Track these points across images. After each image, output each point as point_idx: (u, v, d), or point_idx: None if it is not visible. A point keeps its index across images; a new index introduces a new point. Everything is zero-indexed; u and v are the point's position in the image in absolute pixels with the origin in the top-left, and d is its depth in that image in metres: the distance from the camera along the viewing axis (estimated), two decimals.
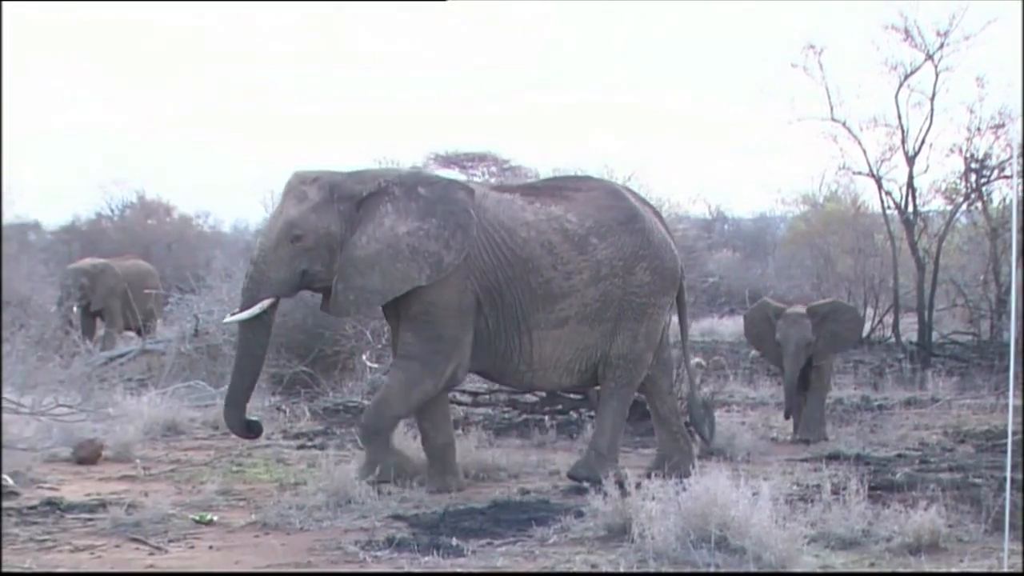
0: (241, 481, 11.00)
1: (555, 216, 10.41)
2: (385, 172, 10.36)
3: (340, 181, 10.21)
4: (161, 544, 8.52)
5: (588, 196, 10.68)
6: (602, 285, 10.38)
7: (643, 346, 10.64)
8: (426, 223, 10.00)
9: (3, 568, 6.21)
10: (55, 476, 11.03)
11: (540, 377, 10.62)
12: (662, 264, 10.66)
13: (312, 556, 8.14)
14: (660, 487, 8.46)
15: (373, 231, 10.00)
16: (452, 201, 10.13)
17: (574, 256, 10.33)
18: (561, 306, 10.29)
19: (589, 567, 7.76)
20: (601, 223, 10.48)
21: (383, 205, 10.09)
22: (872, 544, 8.32)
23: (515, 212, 10.37)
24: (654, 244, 10.62)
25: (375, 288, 9.98)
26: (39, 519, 9.23)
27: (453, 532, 8.75)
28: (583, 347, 10.45)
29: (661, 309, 10.78)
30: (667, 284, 10.75)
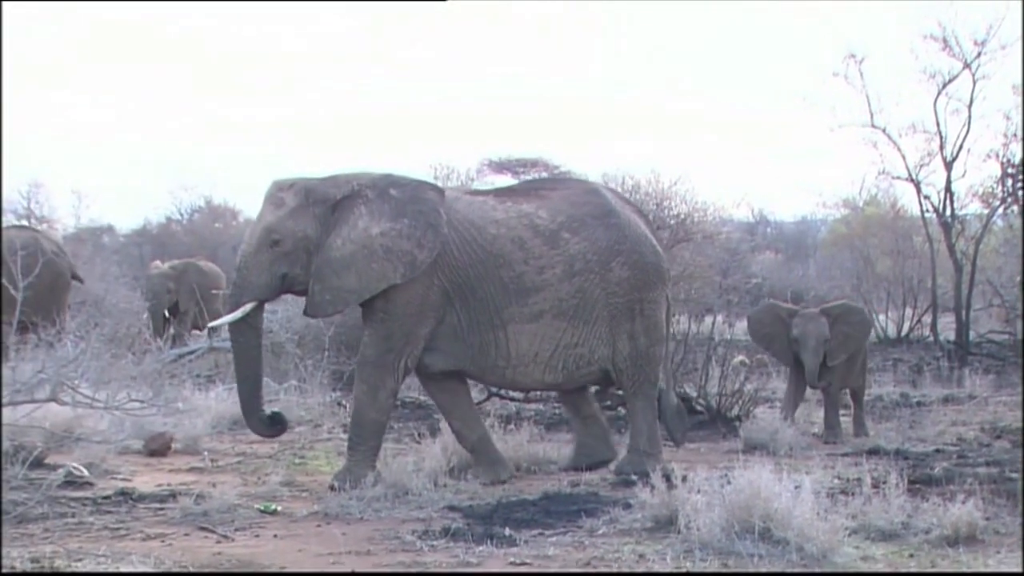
0: (303, 473, 11.05)
1: (526, 213, 10.31)
2: (358, 176, 10.30)
3: (315, 186, 10.17)
4: (228, 533, 8.55)
5: (563, 194, 10.58)
6: (577, 280, 10.23)
7: (645, 342, 10.50)
8: (398, 223, 9.94)
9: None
10: (128, 467, 11.12)
11: (520, 373, 10.43)
12: (641, 259, 10.48)
13: (371, 545, 8.16)
14: (705, 480, 8.42)
15: (348, 233, 9.96)
16: (423, 201, 10.07)
17: (546, 251, 10.20)
18: (535, 300, 10.16)
19: (637, 557, 7.74)
20: (574, 218, 10.36)
21: (357, 208, 10.05)
22: (911, 536, 8.25)
23: (485, 211, 10.29)
24: (631, 239, 10.46)
25: (351, 288, 9.93)
26: (112, 508, 9.29)
27: (506, 523, 8.75)
28: (565, 344, 10.29)
29: (653, 304, 10.58)
30: (651, 278, 10.56)
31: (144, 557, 7.53)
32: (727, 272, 16.65)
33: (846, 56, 21.84)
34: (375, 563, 7.64)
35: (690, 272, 15.19)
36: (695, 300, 15.38)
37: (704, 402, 14.04)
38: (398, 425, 13.63)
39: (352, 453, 10.17)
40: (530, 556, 7.83)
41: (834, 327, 13.01)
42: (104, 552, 7.74)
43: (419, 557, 7.80)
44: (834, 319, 13.07)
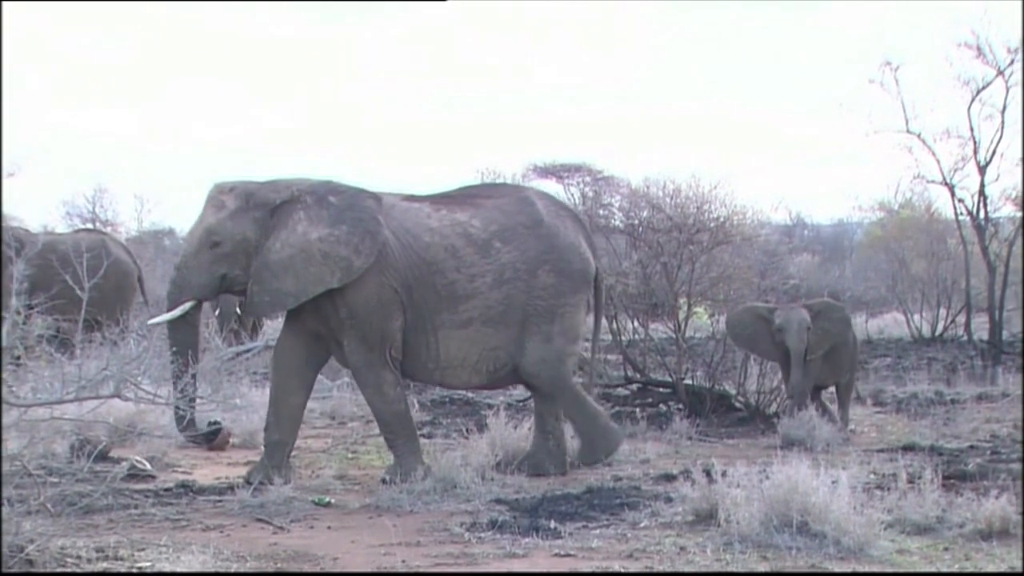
0: (356, 467, 11.08)
1: (459, 222, 10.26)
2: (297, 181, 10.26)
3: (255, 190, 10.13)
4: (284, 524, 8.59)
5: (497, 203, 10.49)
6: (505, 288, 10.19)
7: (561, 343, 10.40)
8: (337, 229, 9.89)
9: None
10: (188, 461, 11.19)
11: (449, 375, 10.41)
12: (568, 267, 10.40)
13: (421, 536, 8.17)
14: (744, 475, 8.38)
15: (287, 237, 9.91)
16: (361, 208, 10.02)
17: (477, 260, 10.15)
18: (465, 307, 10.11)
19: (678, 549, 7.71)
20: (506, 228, 10.30)
21: (296, 212, 10.00)
22: (945, 530, 8.19)
23: (420, 219, 10.22)
24: (559, 248, 10.37)
25: (288, 291, 9.86)
26: (173, 500, 9.35)
27: (551, 515, 8.74)
28: (490, 348, 10.24)
29: (574, 308, 10.49)
30: (576, 284, 10.47)
31: (203, 547, 7.57)
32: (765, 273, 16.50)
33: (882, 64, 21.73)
34: (424, 554, 7.65)
35: (729, 273, 15.08)
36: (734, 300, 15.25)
37: (743, 399, 13.98)
38: (446, 421, 13.65)
39: (395, 449, 10.19)
40: (574, 548, 7.82)
41: (814, 322, 12.89)
42: (165, 542, 7.78)
43: (467, 548, 7.80)
44: (815, 315, 12.97)
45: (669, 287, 14.62)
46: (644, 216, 15.03)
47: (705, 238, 14.60)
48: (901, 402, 15.40)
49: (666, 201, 14.89)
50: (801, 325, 12.77)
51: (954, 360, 19.62)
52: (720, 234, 14.66)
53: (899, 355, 21.20)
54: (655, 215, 14.82)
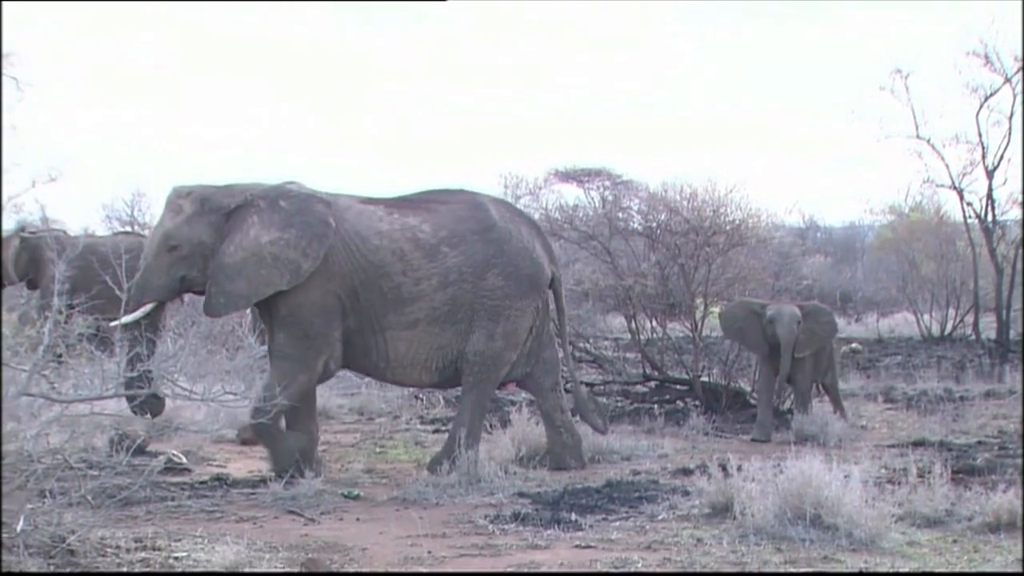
0: (383, 461, 11.10)
1: (409, 226, 10.18)
2: (251, 186, 10.22)
3: (211, 195, 10.10)
4: (314, 516, 8.61)
5: (450, 208, 10.40)
6: (450, 290, 10.10)
7: (501, 345, 10.26)
8: (287, 233, 9.84)
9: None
10: (222, 455, 11.22)
11: (399, 374, 10.33)
12: (517, 271, 10.29)
13: (446, 528, 8.18)
14: (759, 470, 8.37)
15: (240, 240, 9.87)
16: (310, 213, 9.97)
17: (424, 263, 10.07)
18: (411, 309, 10.03)
19: (695, 541, 7.70)
20: (455, 233, 10.22)
21: (250, 216, 9.96)
22: (954, 523, 8.17)
23: (372, 222, 10.15)
24: (508, 252, 10.27)
25: (242, 292, 9.82)
26: (208, 492, 9.38)
27: (572, 508, 8.74)
28: (437, 347, 10.15)
29: (520, 312, 10.36)
30: (525, 288, 10.36)
31: (237, 538, 7.58)
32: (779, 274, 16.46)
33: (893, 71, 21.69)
34: (449, 545, 7.66)
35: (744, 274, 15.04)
36: None
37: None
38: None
39: (264, 440, 10.01)
40: (594, 540, 7.82)
41: (803, 323, 12.77)
42: (201, 533, 7.81)
43: (491, 540, 7.80)
44: (804, 315, 12.85)
45: (686, 288, 14.60)
46: (662, 219, 15.01)
47: (721, 240, 14.57)
48: (911, 399, 15.35)
49: (683, 204, 14.86)
50: (792, 318, 12.67)
51: (963, 358, 19.54)
52: (736, 236, 14.64)
53: (909, 353, 21.12)
54: (673, 218, 14.79)
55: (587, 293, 15.48)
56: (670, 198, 15.16)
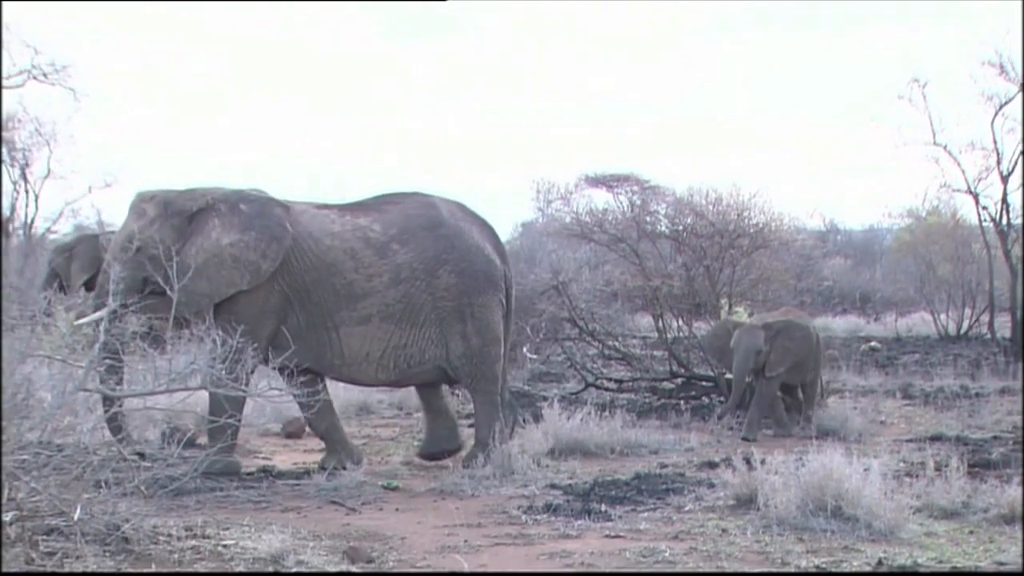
0: None
1: (360, 226, 10.14)
2: (212, 191, 10.20)
3: (173, 199, 10.08)
4: (356, 506, 8.63)
5: (401, 208, 10.34)
6: (403, 287, 10.02)
7: (479, 342, 10.21)
8: (246, 236, 9.82)
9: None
10: (268, 448, 11.27)
11: (356, 371, 10.19)
12: (470, 267, 10.21)
13: (481, 518, 8.18)
14: (782, 463, 8.34)
15: (201, 243, 9.84)
16: (269, 216, 9.94)
17: (375, 260, 10.01)
18: (363, 305, 9.94)
19: (720, 531, 7.69)
20: (405, 230, 10.16)
21: (211, 220, 9.94)
22: (971, 515, 8.12)
23: (324, 224, 10.11)
24: (459, 249, 10.20)
25: (203, 292, 9.72)
26: (255, 483, 9.41)
27: (602, 499, 8.74)
28: (395, 345, 10.03)
29: (485, 307, 10.28)
30: (480, 284, 10.26)
31: (282, 527, 7.62)
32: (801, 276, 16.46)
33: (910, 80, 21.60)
34: (484, 534, 7.67)
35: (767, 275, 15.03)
36: (772, 301, 15.19)
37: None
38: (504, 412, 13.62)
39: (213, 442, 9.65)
40: (623, 529, 7.81)
41: (775, 340, 12.33)
42: (248, 522, 7.84)
43: (524, 530, 7.81)
44: (776, 333, 12.39)
45: (711, 288, 14.59)
46: (688, 222, 15.01)
47: (745, 243, 14.56)
48: (929, 395, 15.24)
49: (709, 208, 14.86)
50: (748, 350, 12.21)
51: (978, 356, 19.41)
52: (759, 239, 14.62)
53: (927, 352, 21.00)
54: (698, 221, 14.79)
55: (616, 293, 15.49)
56: (696, 202, 15.16)
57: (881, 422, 13.23)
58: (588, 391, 14.76)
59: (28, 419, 7.19)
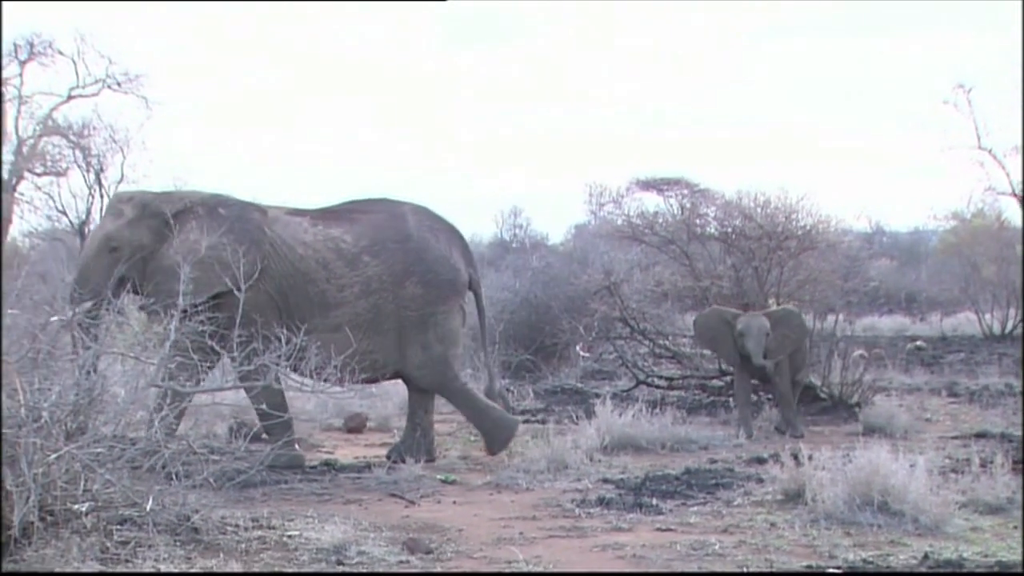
0: (477, 449, 11.10)
1: (332, 237, 10.06)
2: (190, 194, 10.13)
3: (151, 200, 10.02)
4: (414, 499, 8.66)
5: (371, 219, 10.25)
6: (372, 298, 9.96)
7: (440, 349, 10.11)
8: (225, 239, 9.74)
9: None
10: (330, 442, 11.33)
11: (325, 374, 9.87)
12: (436, 277, 10.14)
13: (536, 511, 8.18)
14: (829, 459, 8.28)
15: (179, 245, 9.74)
16: (247, 220, 9.89)
17: (346, 272, 9.94)
18: (335, 314, 9.85)
19: (768, 525, 7.64)
20: (376, 242, 10.08)
21: (189, 222, 9.87)
22: (1015, 510, 8.02)
23: (297, 233, 10.03)
24: (426, 261, 10.13)
25: (180, 293, 9.29)
26: (318, 476, 9.45)
27: (653, 493, 8.71)
28: (362, 351, 9.83)
29: (446, 315, 10.22)
30: (445, 293, 10.21)
31: (344, 518, 7.65)
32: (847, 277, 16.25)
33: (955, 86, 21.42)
34: (539, 527, 7.66)
35: (814, 276, 14.90)
36: (819, 301, 15.06)
37: (827, 390, 13.78)
38: (558, 408, 13.64)
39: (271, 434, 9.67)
40: (674, 523, 7.78)
41: (774, 329, 12.17)
42: (311, 513, 7.89)
43: (577, 523, 7.80)
44: (775, 322, 12.25)
45: (759, 289, 14.49)
46: (737, 225, 14.92)
47: (793, 244, 14.45)
48: (974, 393, 15.07)
49: (757, 211, 14.76)
50: (760, 331, 12.07)
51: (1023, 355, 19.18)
52: (807, 241, 14.51)
53: (972, 351, 20.79)
54: (747, 224, 14.70)
55: (666, 294, 15.42)
56: (745, 205, 15.06)
57: (927, 419, 13.10)
58: (639, 388, 14.72)
59: (103, 414, 7.29)
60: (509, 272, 18.70)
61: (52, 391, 6.80)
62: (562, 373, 16.39)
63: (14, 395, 6.73)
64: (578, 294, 16.72)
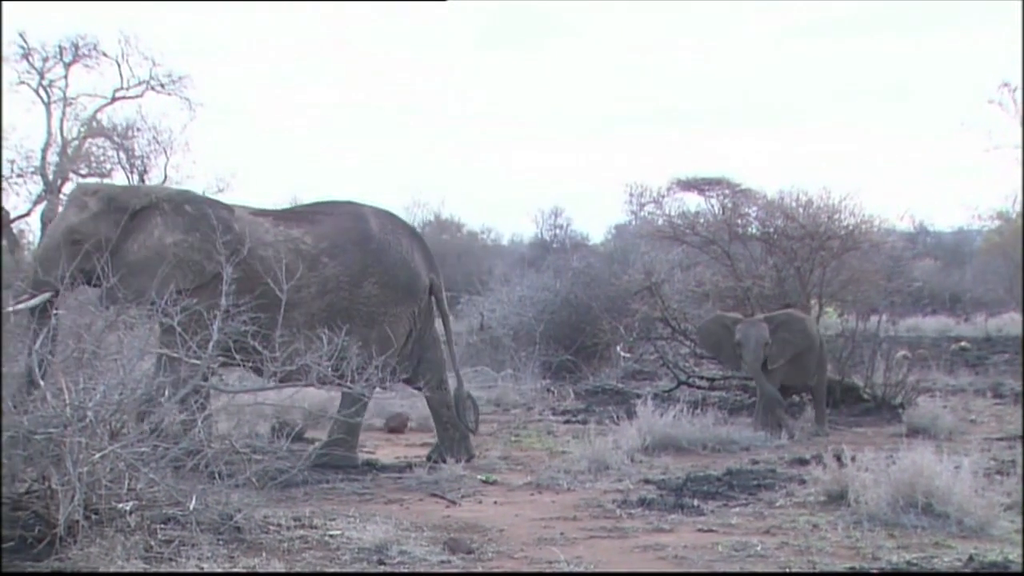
0: (518, 449, 11.13)
1: (292, 238, 9.97)
2: (156, 189, 10.05)
3: (117, 194, 9.94)
4: (455, 499, 8.67)
5: (333, 220, 10.16)
6: (328, 297, 9.86)
7: (376, 351, 9.65)
8: (191, 236, 9.65)
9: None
10: (371, 442, 11.36)
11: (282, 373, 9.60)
12: (394, 279, 10.05)
13: (577, 512, 8.17)
14: (872, 460, 8.22)
15: (144, 240, 9.67)
16: (215, 218, 9.76)
17: (305, 272, 9.80)
18: (292, 315, 9.60)
19: (811, 527, 7.59)
20: (336, 244, 9.98)
21: (154, 218, 9.76)
22: None
23: (259, 233, 9.93)
24: (385, 262, 10.04)
25: (141, 288, 9.41)
26: (359, 476, 9.48)
27: (694, 494, 8.68)
28: (315, 349, 9.32)
29: (395, 317, 10.11)
30: (400, 296, 10.12)
31: (386, 518, 7.68)
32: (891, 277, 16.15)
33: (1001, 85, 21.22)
34: (580, 527, 7.66)
35: (857, 277, 14.83)
36: (862, 302, 14.98)
37: (870, 391, 13.70)
38: (599, 409, 13.63)
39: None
40: (716, 524, 7.75)
41: (776, 334, 12.08)
42: (353, 513, 7.92)
43: (619, 523, 7.78)
44: (776, 326, 12.16)
45: (801, 289, 14.42)
46: (779, 225, 14.86)
47: (835, 245, 14.37)
48: (1019, 394, 14.93)
49: (799, 211, 14.69)
50: (758, 342, 11.98)
51: None
52: (849, 241, 14.43)
53: (1017, 351, 20.55)
54: (789, 224, 14.64)
55: (708, 294, 15.38)
56: (787, 205, 15.01)
57: (971, 421, 12.99)
58: (680, 389, 14.69)
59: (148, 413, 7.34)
60: (550, 272, 18.71)
61: (97, 390, 6.86)
62: (603, 373, 16.37)
63: (59, 395, 6.80)
64: (619, 294, 16.70)
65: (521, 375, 15.42)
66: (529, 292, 17.77)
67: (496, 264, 28.73)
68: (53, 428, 6.49)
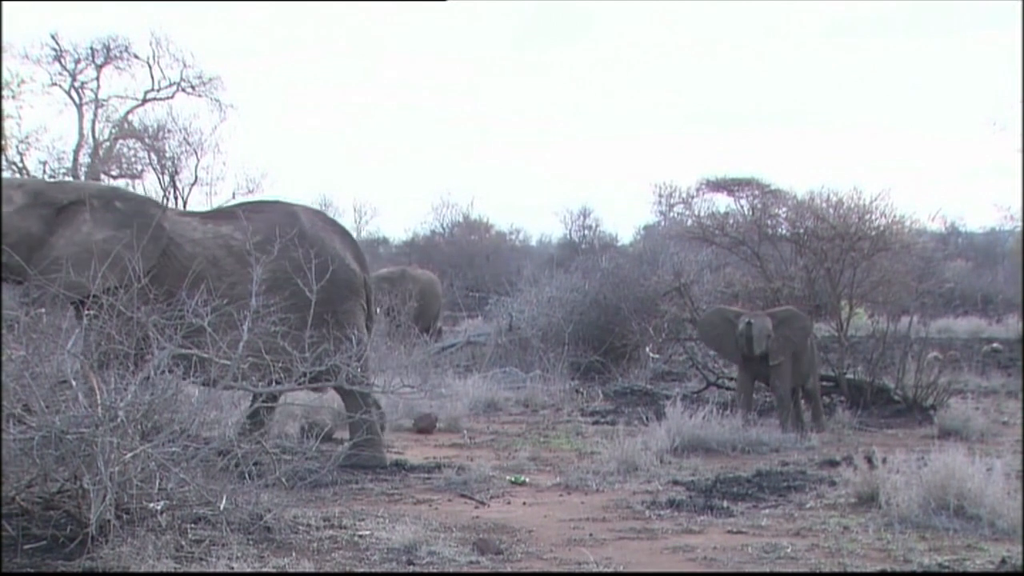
0: (547, 449, 11.12)
1: (222, 234, 9.82)
2: (85, 185, 9.88)
3: (44, 189, 9.78)
4: (484, 500, 8.67)
5: (264, 217, 10.02)
6: (265, 295, 9.44)
7: (333, 349, 9.39)
8: (121, 233, 9.44)
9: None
10: (400, 443, 11.37)
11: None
12: (332, 275, 9.70)
13: (606, 513, 8.16)
14: (904, 462, 8.17)
15: (71, 235, 9.47)
16: (146, 215, 9.59)
17: (237, 269, 9.62)
18: (230, 311, 9.17)
19: (842, 529, 7.56)
20: (268, 240, 9.73)
21: (82, 214, 9.57)
22: None
23: (186, 231, 9.77)
24: (319, 258, 9.70)
25: (69, 285, 9.06)
26: (388, 477, 9.49)
27: (724, 496, 8.66)
28: (265, 351, 9.13)
29: (347, 314, 9.96)
30: (342, 293, 9.95)
31: (415, 518, 7.69)
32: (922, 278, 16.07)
33: None
34: (609, 528, 7.65)
35: (888, 278, 14.75)
36: (893, 303, 14.91)
37: (901, 392, 13.62)
38: (628, 410, 13.61)
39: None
40: (745, 525, 7.73)
41: (776, 330, 11.97)
42: (382, 513, 7.93)
43: (648, 524, 7.77)
44: (778, 322, 12.05)
45: (832, 290, 14.37)
46: (809, 225, 14.80)
47: (866, 245, 14.31)
48: None
49: (829, 212, 14.63)
50: (762, 330, 11.89)
51: None
52: (880, 242, 14.36)
53: None
54: (819, 224, 14.58)
55: (737, 295, 15.34)
56: (817, 206, 14.95)
57: (1003, 422, 12.90)
58: (710, 390, 14.65)
59: (177, 413, 7.38)
60: (578, 273, 18.68)
61: (128, 390, 6.90)
62: (632, 374, 16.34)
63: (91, 395, 6.85)
64: (648, 295, 16.67)
65: (550, 376, 15.41)
66: (558, 293, 17.75)
67: (525, 265, 28.65)
68: (85, 428, 6.53)
